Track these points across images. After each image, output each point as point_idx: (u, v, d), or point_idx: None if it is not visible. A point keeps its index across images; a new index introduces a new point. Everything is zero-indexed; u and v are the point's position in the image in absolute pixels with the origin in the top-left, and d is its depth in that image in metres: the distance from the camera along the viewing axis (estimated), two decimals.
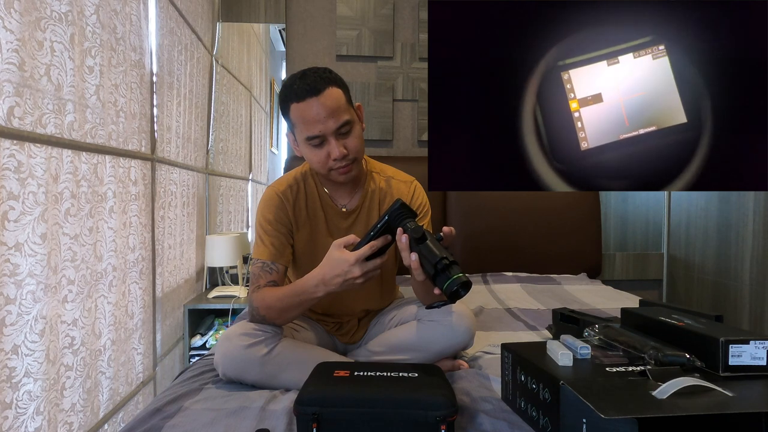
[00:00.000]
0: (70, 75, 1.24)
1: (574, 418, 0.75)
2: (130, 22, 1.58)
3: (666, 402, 0.71)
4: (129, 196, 1.58)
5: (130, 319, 1.59)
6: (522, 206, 2.44)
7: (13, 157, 1.04)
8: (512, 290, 2.11)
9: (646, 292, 2.75)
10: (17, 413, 1.06)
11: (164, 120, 1.90)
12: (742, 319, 2.28)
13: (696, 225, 2.57)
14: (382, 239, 1.01)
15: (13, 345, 1.05)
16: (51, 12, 1.16)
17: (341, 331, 1.35)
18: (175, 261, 2.07)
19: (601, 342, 0.97)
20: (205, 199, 2.48)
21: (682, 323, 0.93)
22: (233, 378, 1.11)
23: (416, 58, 2.65)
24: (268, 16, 2.61)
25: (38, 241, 1.11)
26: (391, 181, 1.31)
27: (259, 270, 1.19)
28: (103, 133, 1.41)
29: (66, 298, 1.23)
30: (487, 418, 0.92)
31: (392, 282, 1.42)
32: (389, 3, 2.61)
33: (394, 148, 2.68)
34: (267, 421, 0.93)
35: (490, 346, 1.34)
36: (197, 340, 2.20)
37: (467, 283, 0.91)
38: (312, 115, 1.10)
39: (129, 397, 1.58)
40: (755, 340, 0.82)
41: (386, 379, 0.91)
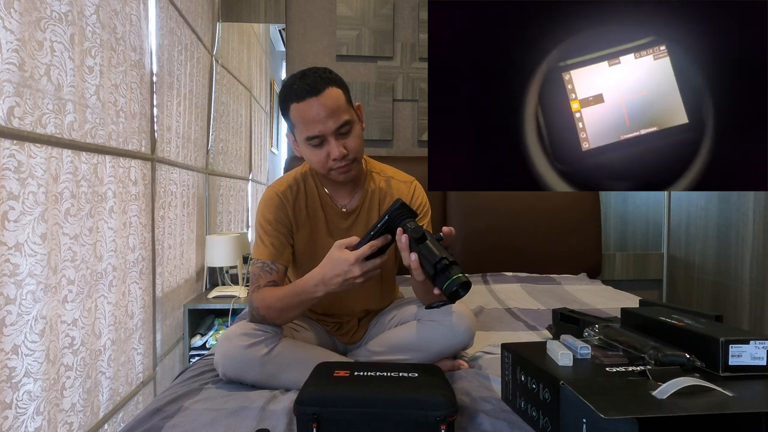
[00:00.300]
0: (70, 75, 1.24)
1: (574, 418, 0.75)
2: (130, 22, 1.58)
3: (666, 402, 0.71)
4: (129, 196, 1.58)
5: (130, 319, 1.59)
6: (522, 206, 2.44)
7: (13, 157, 1.04)
8: (512, 290, 2.11)
9: (646, 292, 2.75)
10: (17, 413, 1.06)
11: (164, 120, 1.90)
12: (742, 319, 2.28)
13: (696, 225, 2.57)
14: (382, 239, 1.01)
15: (13, 345, 1.05)
16: (51, 12, 1.16)
17: (341, 331, 1.35)
18: (175, 261, 2.07)
19: (601, 342, 0.97)
20: (205, 199, 2.48)
21: (682, 323, 0.93)
22: (233, 378, 1.11)
23: (416, 58, 2.65)
24: (268, 16, 2.61)
25: (38, 241, 1.11)
26: (391, 181, 1.31)
27: (259, 270, 1.19)
28: (103, 133, 1.41)
29: (66, 298, 1.23)
30: (487, 418, 0.92)
31: (392, 282, 1.42)
32: (389, 3, 2.61)
33: (394, 148, 2.68)
34: (267, 421, 0.93)
35: (490, 346, 1.34)
36: (197, 340, 2.20)
37: (467, 284, 0.91)
38: (312, 115, 1.10)
39: (129, 397, 1.58)
40: (755, 340, 0.81)
41: (386, 379, 0.91)
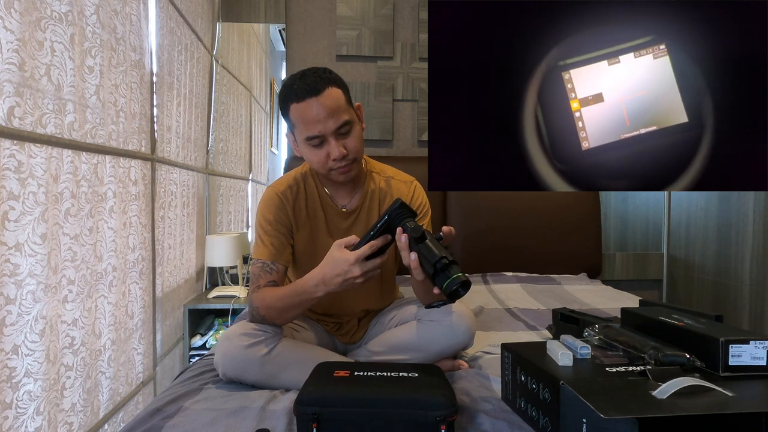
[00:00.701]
0: (70, 75, 1.24)
1: (574, 418, 0.75)
2: (130, 22, 1.58)
3: (666, 402, 0.71)
4: (129, 196, 1.58)
5: (130, 319, 1.59)
6: (522, 206, 2.44)
7: (13, 157, 1.04)
8: (512, 290, 2.11)
9: (646, 292, 2.75)
10: (17, 413, 1.06)
11: (164, 120, 1.90)
12: (742, 319, 2.28)
13: (696, 225, 2.57)
14: (382, 239, 1.01)
15: (13, 345, 1.05)
16: (51, 12, 1.16)
17: (341, 331, 1.35)
18: (175, 261, 2.07)
19: (601, 342, 0.97)
20: (205, 199, 2.48)
21: (682, 323, 0.93)
22: (233, 378, 1.11)
23: (416, 58, 2.65)
24: (268, 16, 2.61)
25: (38, 241, 1.11)
26: (391, 181, 1.31)
27: (259, 270, 1.19)
28: (103, 133, 1.41)
29: (66, 298, 1.23)
30: (487, 418, 0.92)
31: (392, 282, 1.42)
32: (389, 3, 2.61)
33: (394, 148, 2.68)
34: (267, 421, 0.93)
35: (490, 346, 1.34)
36: (197, 340, 2.20)
37: (466, 283, 0.91)
38: (312, 116, 1.10)
39: (129, 397, 1.58)
40: (755, 340, 0.81)
41: (386, 379, 0.91)
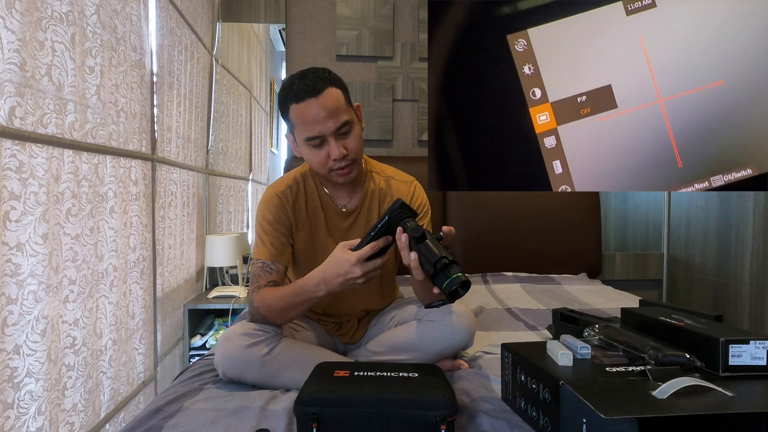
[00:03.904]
0: (71, 75, 1.24)
1: (574, 418, 0.76)
2: (131, 22, 1.58)
3: (666, 402, 0.71)
4: (129, 196, 1.58)
5: (131, 319, 1.59)
6: (522, 206, 2.44)
7: (14, 157, 1.04)
8: (512, 290, 2.11)
9: (646, 292, 2.75)
10: (19, 413, 1.06)
11: (164, 120, 1.91)
12: (742, 319, 2.28)
13: (696, 225, 2.57)
14: (383, 239, 1.01)
15: (14, 345, 1.05)
16: (52, 12, 1.16)
17: (341, 331, 1.35)
18: (176, 261, 2.07)
19: (601, 342, 0.97)
20: (205, 199, 2.48)
21: (682, 323, 0.93)
22: (233, 378, 1.11)
23: (416, 58, 2.65)
24: (268, 16, 2.61)
25: (39, 241, 1.11)
26: (391, 181, 1.31)
27: (260, 270, 1.19)
28: (104, 133, 1.41)
29: (67, 298, 1.24)
30: (487, 418, 0.92)
31: (392, 282, 1.42)
32: (389, 3, 2.61)
33: (394, 148, 2.68)
34: (267, 421, 0.93)
35: (490, 346, 1.34)
36: (197, 340, 2.20)
37: (466, 283, 0.92)
38: (311, 116, 1.10)
39: (130, 397, 1.58)
40: (755, 340, 0.82)
41: (386, 379, 0.91)
